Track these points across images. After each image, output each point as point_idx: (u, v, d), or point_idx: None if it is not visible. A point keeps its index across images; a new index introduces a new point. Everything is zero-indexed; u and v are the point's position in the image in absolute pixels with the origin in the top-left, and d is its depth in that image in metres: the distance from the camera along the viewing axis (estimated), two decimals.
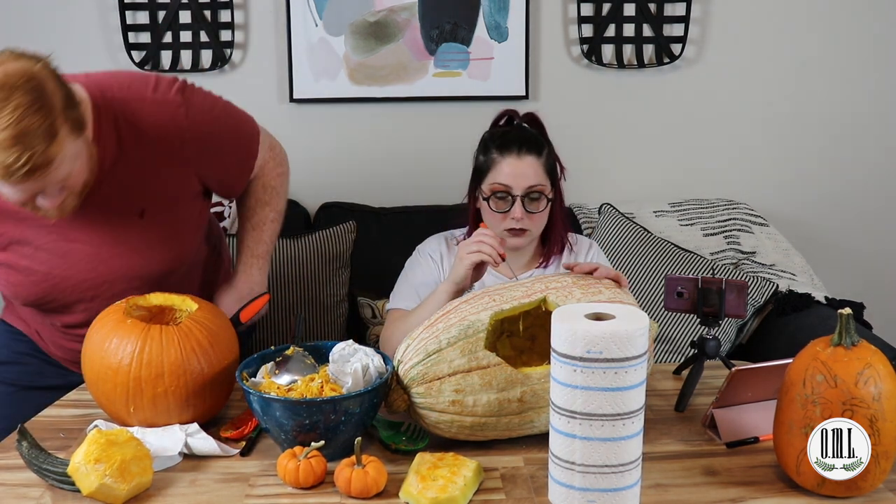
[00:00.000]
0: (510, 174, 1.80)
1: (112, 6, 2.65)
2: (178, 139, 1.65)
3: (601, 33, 2.73)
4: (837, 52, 2.82)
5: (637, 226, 2.61)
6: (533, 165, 1.81)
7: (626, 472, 1.19)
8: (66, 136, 1.43)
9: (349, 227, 2.57)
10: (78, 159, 1.48)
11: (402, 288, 1.91)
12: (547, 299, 1.47)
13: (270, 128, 2.74)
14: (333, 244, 2.53)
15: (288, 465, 1.30)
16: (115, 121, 1.61)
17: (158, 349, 1.42)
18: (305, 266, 2.47)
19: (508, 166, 1.81)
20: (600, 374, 1.15)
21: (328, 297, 2.48)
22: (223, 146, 1.76)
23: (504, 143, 1.83)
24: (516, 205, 1.79)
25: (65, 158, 1.43)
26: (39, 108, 1.39)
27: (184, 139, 1.65)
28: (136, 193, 1.66)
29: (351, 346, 1.45)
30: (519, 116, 1.91)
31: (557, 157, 1.89)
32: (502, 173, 1.81)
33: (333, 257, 2.51)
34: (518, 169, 1.80)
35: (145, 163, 1.64)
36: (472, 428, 1.40)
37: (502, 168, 1.82)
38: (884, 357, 1.26)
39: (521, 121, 1.90)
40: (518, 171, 1.80)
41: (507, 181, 1.80)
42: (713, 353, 1.64)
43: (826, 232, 2.93)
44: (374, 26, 2.68)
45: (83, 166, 1.51)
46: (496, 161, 1.83)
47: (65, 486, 1.29)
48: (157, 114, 1.63)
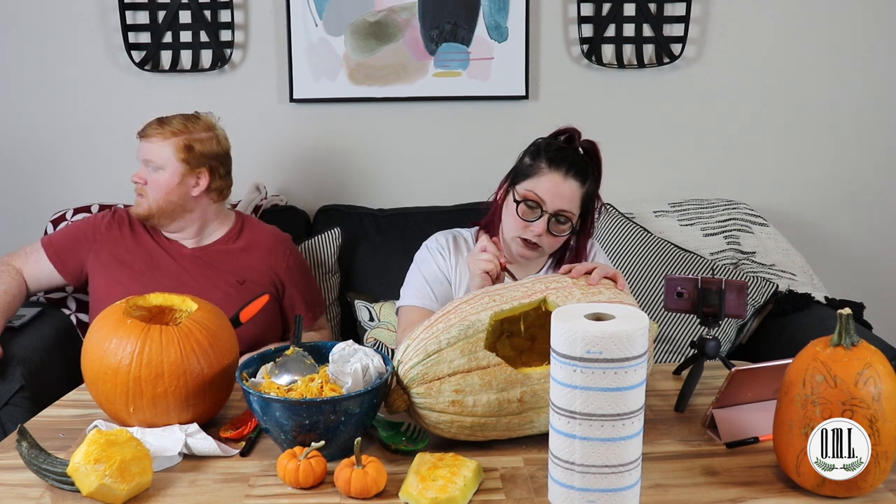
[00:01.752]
0: (549, 190, 1.79)
1: (112, 6, 2.65)
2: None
3: (601, 33, 2.73)
4: (837, 52, 2.82)
5: (637, 226, 2.61)
6: (573, 190, 1.80)
7: (626, 473, 1.19)
8: (173, 146, 2.10)
9: (335, 234, 2.56)
10: (169, 168, 2.10)
11: (413, 284, 1.92)
12: (547, 299, 1.47)
13: (270, 128, 2.76)
14: (320, 251, 2.53)
15: (288, 465, 1.30)
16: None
17: (158, 349, 1.42)
18: None
19: (550, 182, 1.80)
20: (600, 374, 1.15)
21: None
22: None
23: (556, 158, 1.81)
24: (541, 220, 1.79)
25: (162, 151, 2.10)
26: (191, 127, 2.14)
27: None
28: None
29: (351, 346, 1.45)
30: (580, 139, 1.87)
31: (599, 195, 1.87)
32: (542, 186, 1.80)
33: (321, 263, 2.51)
34: (559, 188, 1.79)
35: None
36: (472, 428, 1.40)
37: (544, 181, 1.80)
38: (884, 357, 1.26)
39: (580, 144, 1.86)
40: (557, 191, 1.79)
41: (543, 195, 1.79)
42: (713, 353, 1.64)
43: (826, 232, 2.93)
44: (374, 26, 2.68)
45: (170, 180, 2.10)
46: (541, 171, 1.81)
47: (64, 487, 1.29)
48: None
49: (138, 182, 2.14)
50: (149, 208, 2.13)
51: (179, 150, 2.11)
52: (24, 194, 2.76)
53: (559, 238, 1.83)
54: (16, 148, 2.75)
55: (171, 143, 2.11)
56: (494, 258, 1.73)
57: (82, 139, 2.75)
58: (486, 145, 2.77)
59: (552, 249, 1.87)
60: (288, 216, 2.66)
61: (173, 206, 2.13)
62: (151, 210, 2.13)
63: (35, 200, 2.74)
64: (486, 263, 1.71)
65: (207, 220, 2.20)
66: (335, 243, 2.56)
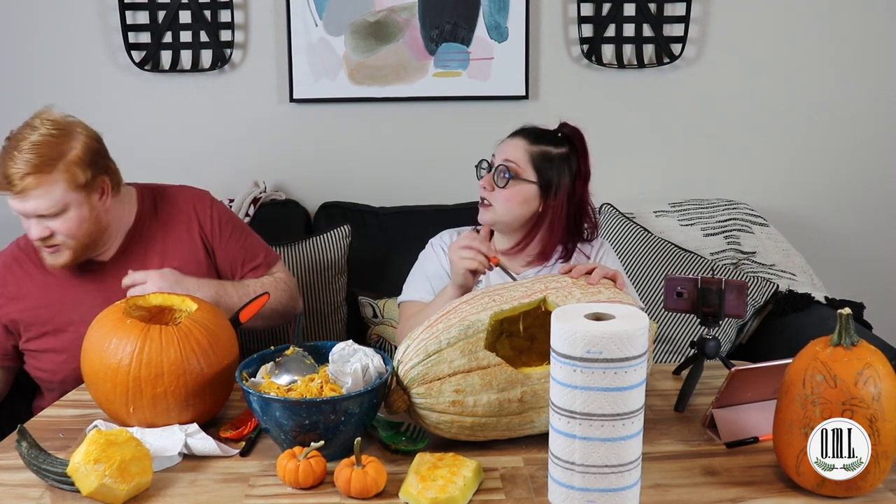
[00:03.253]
0: (499, 148, 1.89)
1: (112, 6, 2.65)
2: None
3: (601, 33, 2.73)
4: (837, 52, 2.82)
5: (637, 226, 2.61)
6: (517, 146, 1.86)
7: (626, 473, 1.19)
8: (60, 181, 1.72)
9: (343, 233, 2.55)
10: (73, 205, 1.74)
11: (414, 279, 1.95)
12: (547, 299, 1.47)
13: (270, 128, 2.76)
14: (329, 251, 2.51)
15: (288, 465, 1.30)
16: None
17: (158, 349, 1.42)
18: (301, 275, 2.46)
19: (503, 143, 1.90)
20: (600, 374, 1.15)
21: (325, 304, 2.47)
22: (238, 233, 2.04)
23: (515, 130, 1.91)
24: (489, 173, 1.85)
25: (52, 194, 1.72)
26: (55, 145, 1.73)
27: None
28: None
29: (351, 346, 1.45)
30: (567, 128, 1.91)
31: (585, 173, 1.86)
32: (497, 148, 1.90)
33: (329, 265, 2.50)
34: (505, 146, 1.88)
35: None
36: (473, 428, 1.40)
37: (499, 145, 1.90)
38: (883, 357, 1.26)
39: (560, 129, 1.91)
40: (504, 147, 1.87)
41: (495, 152, 1.88)
42: (713, 353, 1.64)
43: (826, 232, 2.93)
44: (374, 26, 2.68)
45: (80, 213, 1.76)
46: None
47: (64, 487, 1.29)
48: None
49: (45, 237, 1.77)
50: (72, 254, 1.80)
51: (69, 181, 1.73)
52: None
53: (506, 193, 1.82)
54: None
55: (54, 181, 1.71)
56: (478, 254, 1.68)
57: None
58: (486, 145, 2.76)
59: (507, 212, 1.83)
60: (288, 210, 2.66)
61: (94, 234, 1.82)
62: (76, 253, 1.81)
63: None
64: (468, 262, 1.68)
65: (121, 217, 1.90)
66: (344, 242, 2.54)
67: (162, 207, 1.97)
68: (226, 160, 2.74)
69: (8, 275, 1.89)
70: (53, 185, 1.72)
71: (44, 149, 1.71)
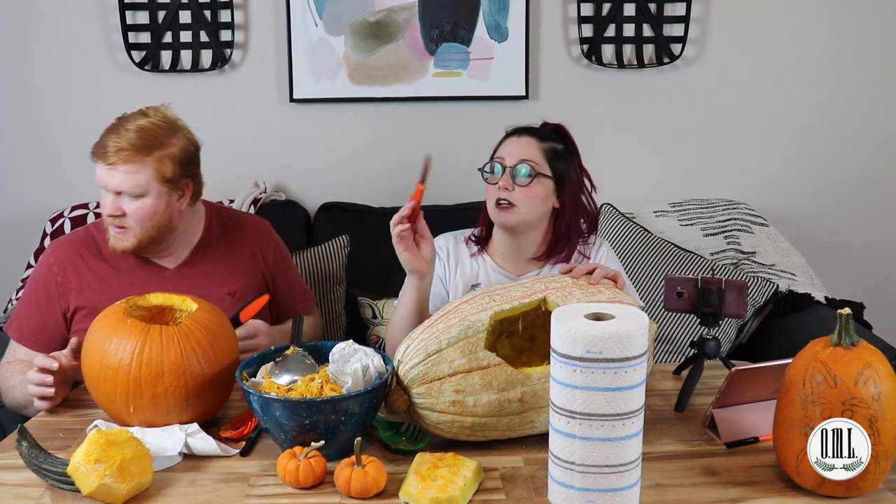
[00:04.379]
0: (506, 149, 1.87)
1: (112, 6, 2.65)
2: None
3: (601, 33, 2.73)
4: (837, 53, 2.82)
5: (637, 226, 2.61)
6: (529, 144, 1.85)
7: (626, 472, 1.19)
8: (150, 167, 1.77)
9: (342, 242, 2.55)
10: (152, 193, 1.79)
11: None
12: (547, 299, 1.47)
13: (270, 128, 2.76)
14: (328, 261, 2.51)
15: (288, 465, 1.30)
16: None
17: (158, 349, 1.42)
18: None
19: (508, 144, 1.88)
20: (600, 374, 1.15)
21: (324, 314, 2.46)
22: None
23: (513, 131, 1.91)
24: (505, 174, 1.83)
25: (137, 176, 1.77)
26: (158, 134, 1.80)
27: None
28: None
29: (351, 346, 1.45)
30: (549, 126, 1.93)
31: (586, 173, 1.90)
32: (502, 150, 1.88)
33: (328, 275, 2.50)
34: (515, 146, 1.86)
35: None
36: (473, 428, 1.40)
37: (503, 146, 1.89)
38: (883, 357, 1.26)
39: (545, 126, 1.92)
40: (514, 148, 1.86)
41: (502, 154, 1.86)
42: (713, 353, 1.64)
43: (826, 232, 2.93)
44: (374, 26, 2.68)
45: (156, 205, 1.80)
46: (500, 143, 1.90)
47: (65, 486, 1.29)
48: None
49: (115, 215, 1.81)
50: (136, 242, 1.82)
51: (157, 171, 1.79)
52: (24, 194, 2.76)
53: (529, 190, 1.81)
54: (15, 147, 2.75)
55: (145, 164, 1.78)
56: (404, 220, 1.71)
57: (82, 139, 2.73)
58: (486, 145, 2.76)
59: (530, 210, 1.83)
60: (288, 211, 2.66)
61: (162, 230, 1.84)
62: (140, 242, 1.83)
63: (34, 200, 2.74)
64: (395, 239, 1.70)
65: (189, 228, 1.93)
66: (343, 252, 2.54)
67: (230, 230, 2.02)
68: (226, 160, 2.74)
69: (69, 267, 1.90)
70: (143, 168, 1.78)
71: (147, 134, 1.79)
